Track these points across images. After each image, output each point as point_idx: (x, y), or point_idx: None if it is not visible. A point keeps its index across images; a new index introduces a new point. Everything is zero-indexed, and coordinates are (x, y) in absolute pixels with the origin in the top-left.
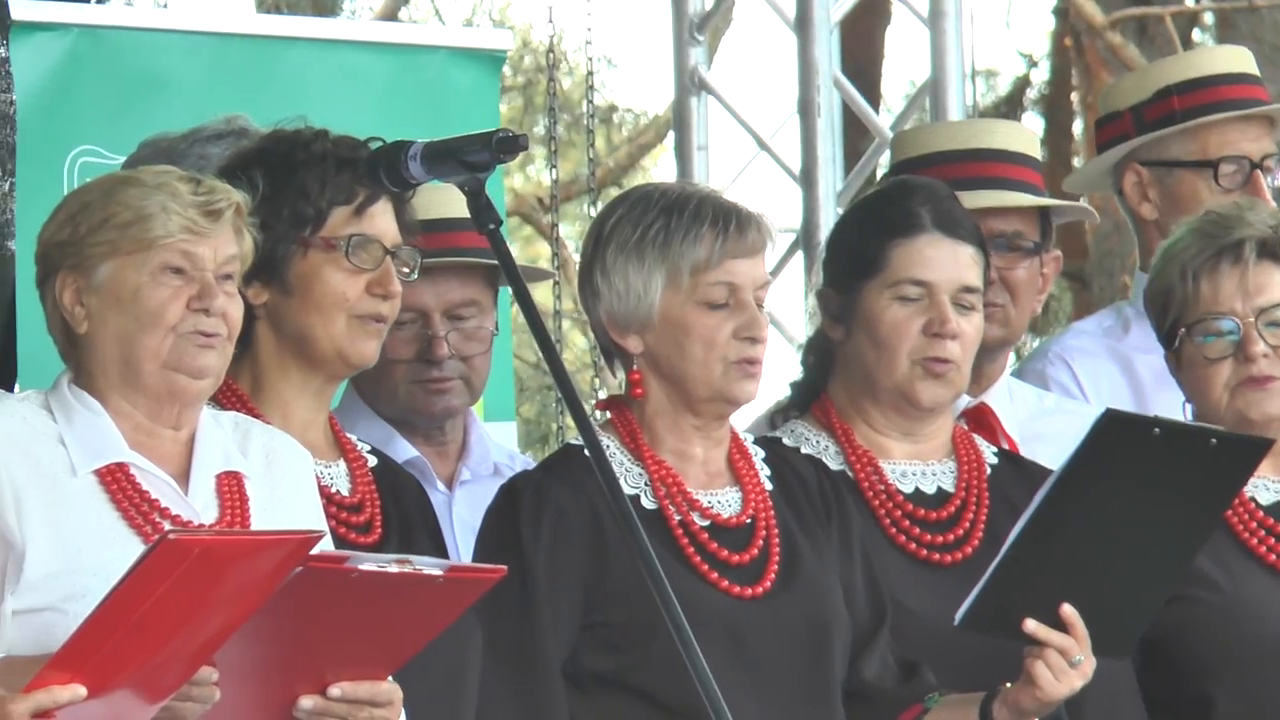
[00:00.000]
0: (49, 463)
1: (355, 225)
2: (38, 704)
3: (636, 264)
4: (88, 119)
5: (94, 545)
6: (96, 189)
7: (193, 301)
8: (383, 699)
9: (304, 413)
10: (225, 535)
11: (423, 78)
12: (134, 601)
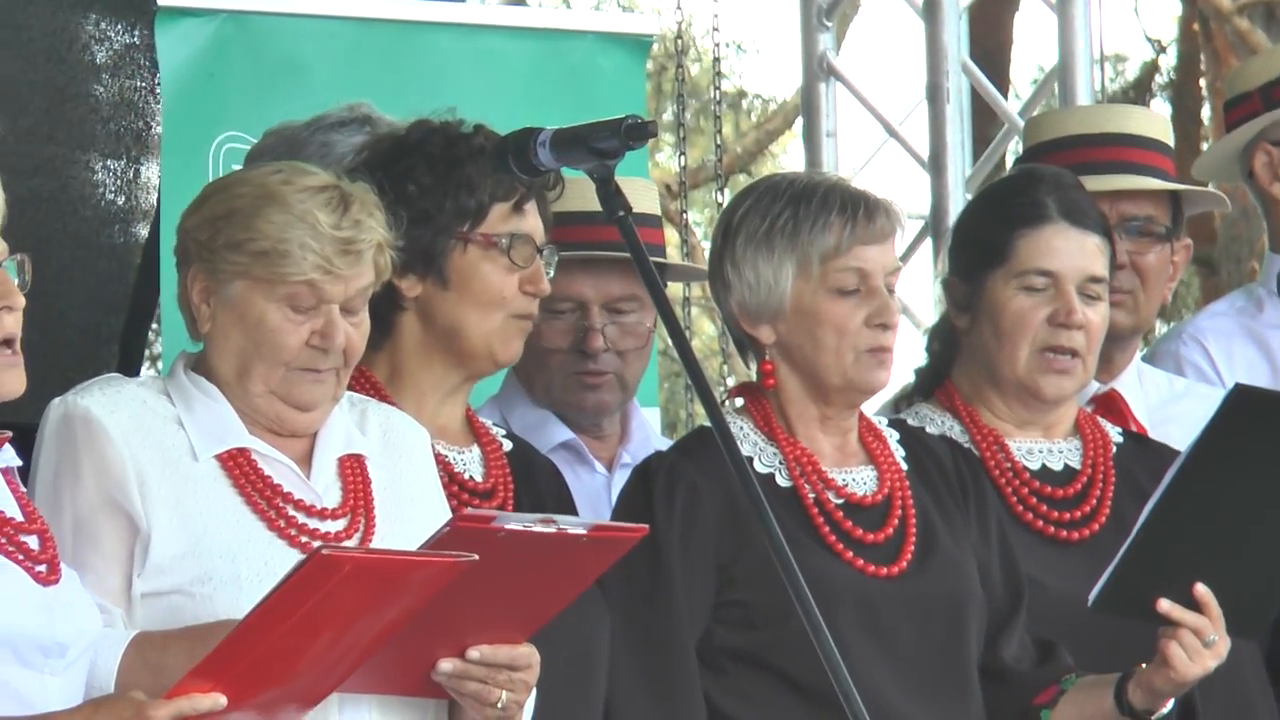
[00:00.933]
0: (171, 446)
1: (514, 222)
2: (178, 710)
3: (766, 254)
4: (233, 105)
5: (218, 529)
6: (244, 195)
7: (313, 338)
8: (521, 662)
9: (438, 403)
10: (378, 553)
11: (567, 63)
12: (282, 614)
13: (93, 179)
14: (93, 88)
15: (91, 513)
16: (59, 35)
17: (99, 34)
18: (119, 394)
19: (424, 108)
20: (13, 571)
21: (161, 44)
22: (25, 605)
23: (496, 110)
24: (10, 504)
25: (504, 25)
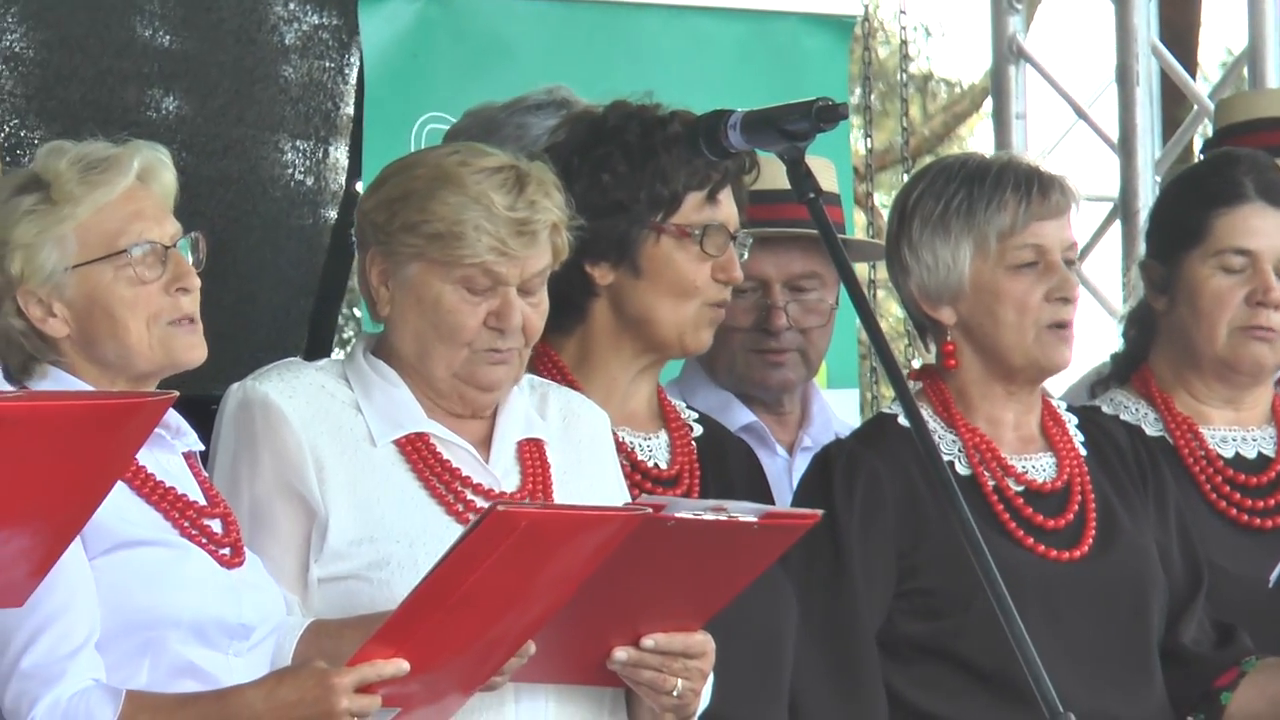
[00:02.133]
0: (349, 431)
1: (707, 211)
2: (362, 677)
3: (943, 236)
4: (436, 85)
5: (396, 514)
6: (420, 177)
7: (490, 319)
8: (696, 650)
9: (628, 387)
10: (554, 509)
11: (772, 44)
12: (460, 575)
13: (282, 160)
14: (282, 69)
15: (268, 499)
16: (248, 17)
17: (288, 15)
18: (297, 379)
19: (629, 90)
20: (197, 555)
21: (365, 25)
22: (210, 588)
23: (701, 92)
24: (193, 488)
25: (709, 6)
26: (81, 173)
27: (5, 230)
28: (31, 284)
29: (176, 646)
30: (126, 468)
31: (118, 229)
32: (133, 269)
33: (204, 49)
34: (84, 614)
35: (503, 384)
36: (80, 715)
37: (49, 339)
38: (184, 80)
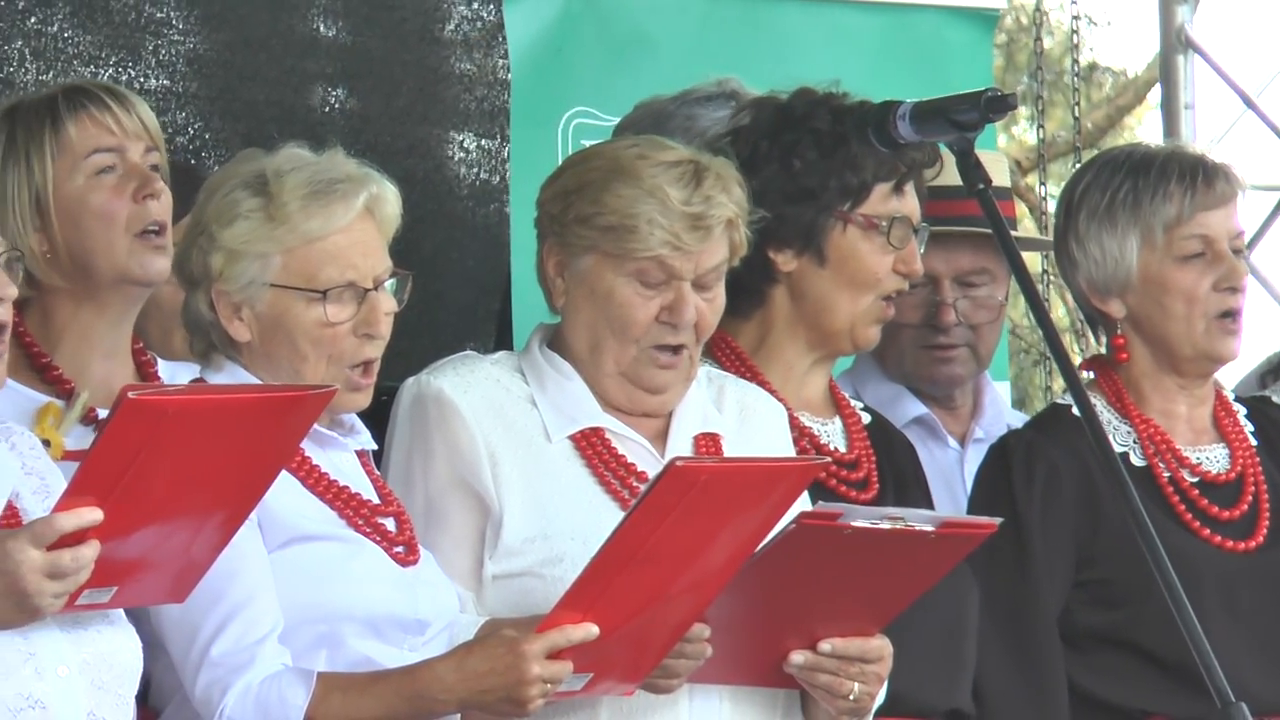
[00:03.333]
0: (523, 426)
1: (894, 203)
2: (551, 643)
3: (1109, 228)
4: (581, 80)
5: (570, 510)
6: (597, 169)
7: (663, 313)
8: (873, 655)
9: (804, 373)
10: (732, 462)
11: (915, 36)
12: (643, 532)
13: (467, 158)
14: (463, 66)
15: (442, 494)
16: (430, 14)
17: (471, 14)
18: (472, 373)
19: (772, 83)
20: (371, 550)
21: (510, 20)
22: (385, 583)
23: (845, 85)
24: (366, 486)
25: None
26: (306, 198)
27: (219, 223)
28: (226, 285)
29: (353, 641)
30: (287, 461)
31: (321, 264)
32: (325, 309)
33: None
34: (268, 604)
35: (670, 387)
36: (273, 699)
37: (232, 339)
38: (366, 79)
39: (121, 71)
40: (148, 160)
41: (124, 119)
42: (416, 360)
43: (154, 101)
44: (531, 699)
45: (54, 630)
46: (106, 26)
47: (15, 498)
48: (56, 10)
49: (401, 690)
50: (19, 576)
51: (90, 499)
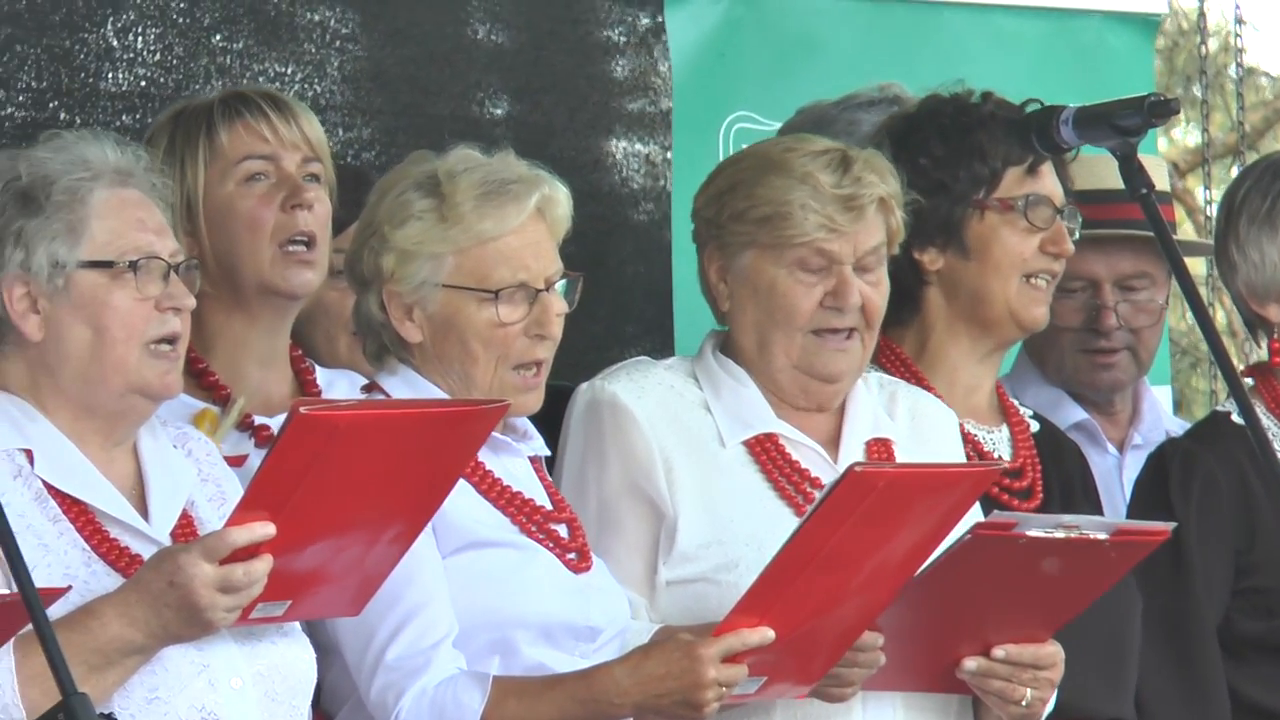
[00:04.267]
0: (698, 432)
1: (1029, 184)
2: (728, 647)
3: (1269, 233)
4: (743, 84)
5: (745, 515)
6: (747, 167)
7: (827, 299)
8: (1045, 662)
9: (970, 378)
10: (912, 467)
11: (1077, 41)
12: (821, 537)
13: (629, 164)
14: (626, 72)
15: (616, 499)
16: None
17: (633, 19)
18: (646, 379)
19: (934, 88)
20: (544, 557)
21: (672, 24)
22: (557, 590)
23: (1007, 89)
24: (539, 493)
25: (1014, 5)
26: (479, 199)
27: (390, 225)
28: (398, 286)
29: (525, 648)
30: (459, 474)
31: (493, 265)
32: (496, 309)
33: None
34: (443, 609)
35: (845, 374)
36: (448, 702)
37: (403, 340)
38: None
39: (307, 88)
40: (304, 170)
41: (280, 127)
42: (580, 368)
43: (339, 116)
44: (707, 702)
45: (228, 642)
46: (291, 43)
47: (191, 506)
48: (241, 28)
49: (577, 694)
50: (191, 590)
51: (263, 513)
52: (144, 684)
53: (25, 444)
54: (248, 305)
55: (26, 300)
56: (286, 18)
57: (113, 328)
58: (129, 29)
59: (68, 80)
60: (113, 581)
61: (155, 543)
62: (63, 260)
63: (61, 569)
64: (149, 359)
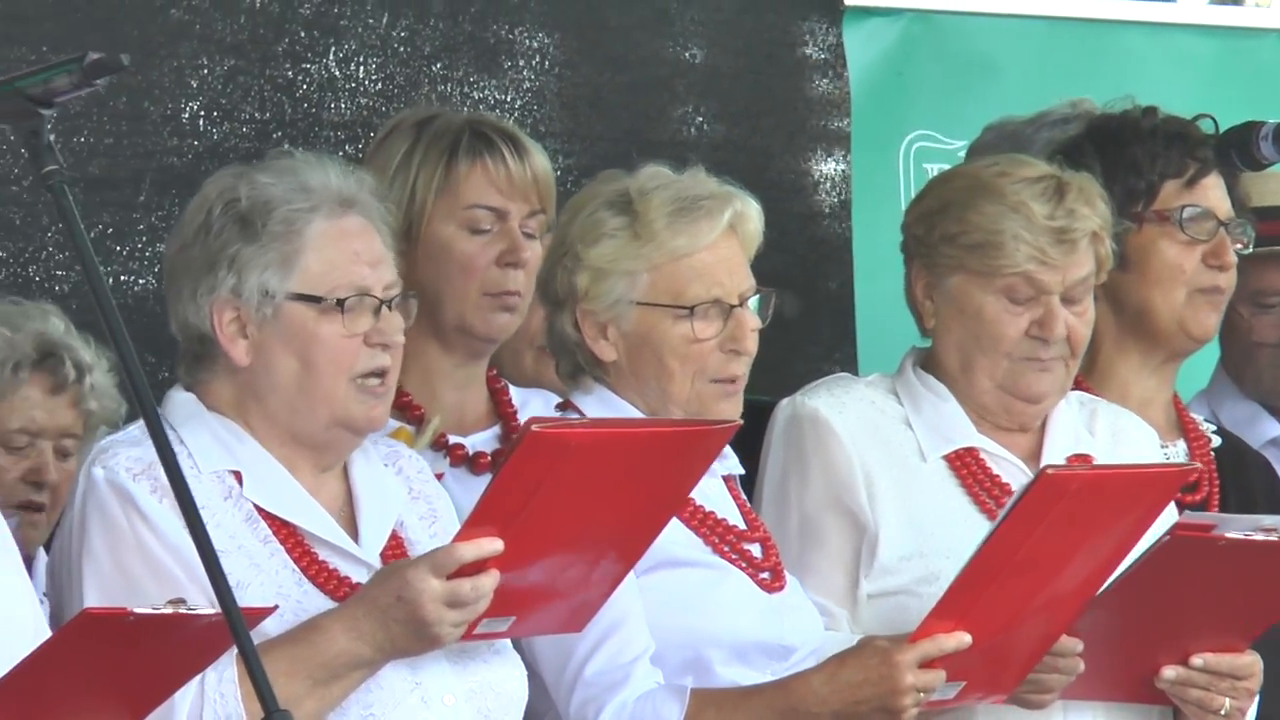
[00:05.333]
0: (898, 446)
1: (1187, 197)
2: (924, 652)
3: None
4: (921, 103)
5: (945, 529)
6: (959, 188)
7: (1033, 328)
8: (1244, 671)
9: (1142, 391)
10: (1102, 470)
11: (1253, 60)
12: (1015, 541)
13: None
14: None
15: (818, 514)
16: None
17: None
18: (847, 394)
19: None
20: (737, 577)
21: (850, 43)
22: (750, 610)
23: (1183, 108)
24: (733, 512)
25: (1190, 24)
26: (671, 216)
27: (583, 244)
28: (592, 305)
29: (719, 667)
30: (687, 493)
31: (687, 282)
32: (692, 325)
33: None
34: (640, 626)
35: (1048, 395)
36: (647, 716)
37: (598, 358)
38: (768, 116)
39: (526, 115)
40: (527, 226)
41: (516, 173)
42: (773, 386)
43: (558, 143)
44: (905, 708)
45: (440, 659)
46: (511, 70)
47: (400, 526)
48: (460, 55)
49: (775, 704)
50: (419, 605)
51: (491, 529)
52: (359, 701)
53: (235, 466)
54: (445, 337)
55: (236, 324)
56: (506, 45)
57: (320, 361)
58: (350, 59)
59: (290, 110)
60: (324, 604)
61: (364, 564)
62: (273, 290)
63: (274, 589)
64: (355, 393)
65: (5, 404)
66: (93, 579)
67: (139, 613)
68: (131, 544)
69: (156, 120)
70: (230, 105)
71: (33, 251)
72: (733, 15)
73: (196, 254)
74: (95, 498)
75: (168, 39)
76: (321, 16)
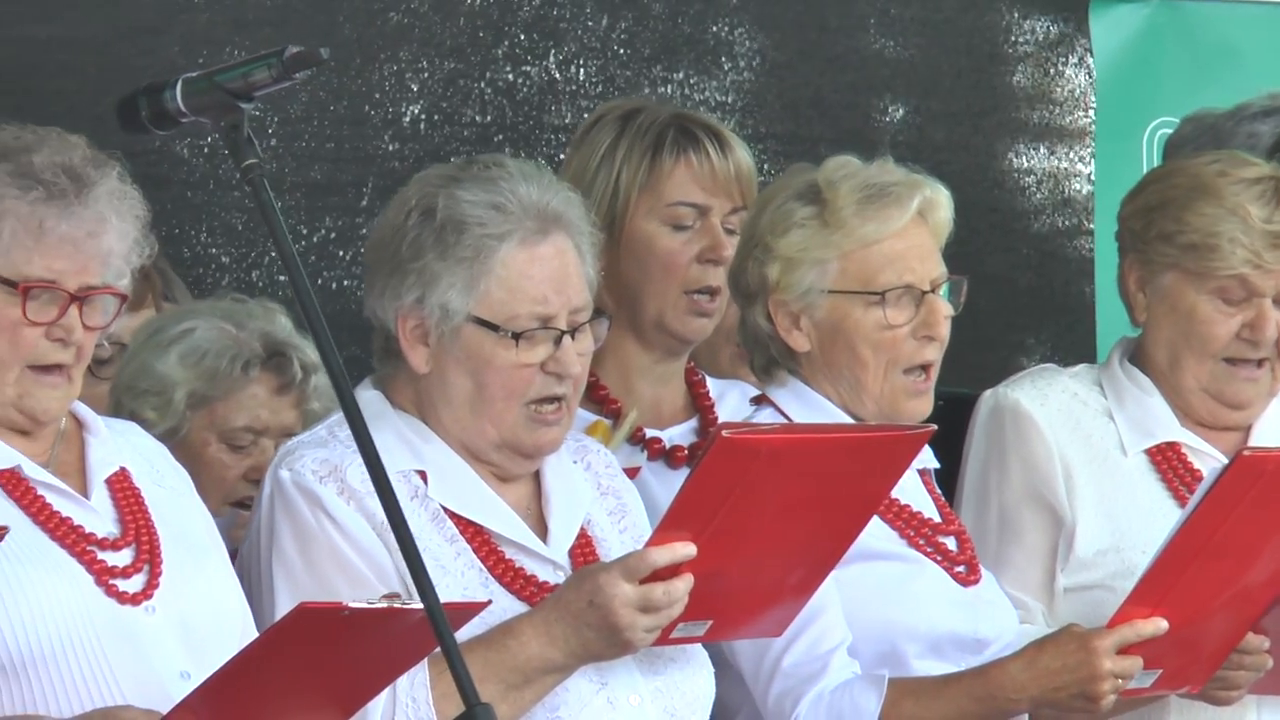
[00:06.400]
0: (1099, 439)
1: None
2: (1122, 638)
3: None
4: (1166, 90)
5: (1143, 523)
6: (1177, 186)
7: (1244, 330)
8: None
9: None
10: None
11: None
12: (1211, 523)
13: (1045, 172)
14: (1037, 80)
15: (1016, 506)
16: (998, 30)
17: (1044, 28)
18: (1050, 386)
19: None
20: (932, 570)
21: (1096, 31)
22: (947, 603)
23: None
24: (928, 505)
25: None
26: (860, 203)
27: (773, 235)
28: (784, 295)
29: (913, 660)
30: (883, 498)
31: (879, 268)
32: (884, 311)
33: (952, 62)
34: (837, 617)
35: (1253, 402)
36: (845, 706)
37: (791, 350)
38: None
39: (747, 117)
40: (729, 222)
41: (720, 169)
42: (974, 376)
43: (780, 145)
44: (1103, 694)
45: (626, 659)
46: (732, 72)
47: (588, 524)
48: (680, 57)
49: (974, 691)
50: (611, 610)
51: (684, 533)
52: (546, 703)
53: (420, 466)
54: (643, 335)
55: (419, 332)
56: (726, 46)
57: (492, 385)
58: (570, 61)
59: (511, 114)
60: (511, 603)
61: (553, 564)
62: (454, 310)
63: (459, 590)
64: (526, 420)
65: (231, 401)
66: (284, 580)
67: (354, 607)
68: (323, 545)
69: (378, 124)
70: (451, 109)
71: (255, 256)
72: (952, 14)
73: (389, 255)
74: (283, 499)
75: (387, 42)
76: (541, 19)
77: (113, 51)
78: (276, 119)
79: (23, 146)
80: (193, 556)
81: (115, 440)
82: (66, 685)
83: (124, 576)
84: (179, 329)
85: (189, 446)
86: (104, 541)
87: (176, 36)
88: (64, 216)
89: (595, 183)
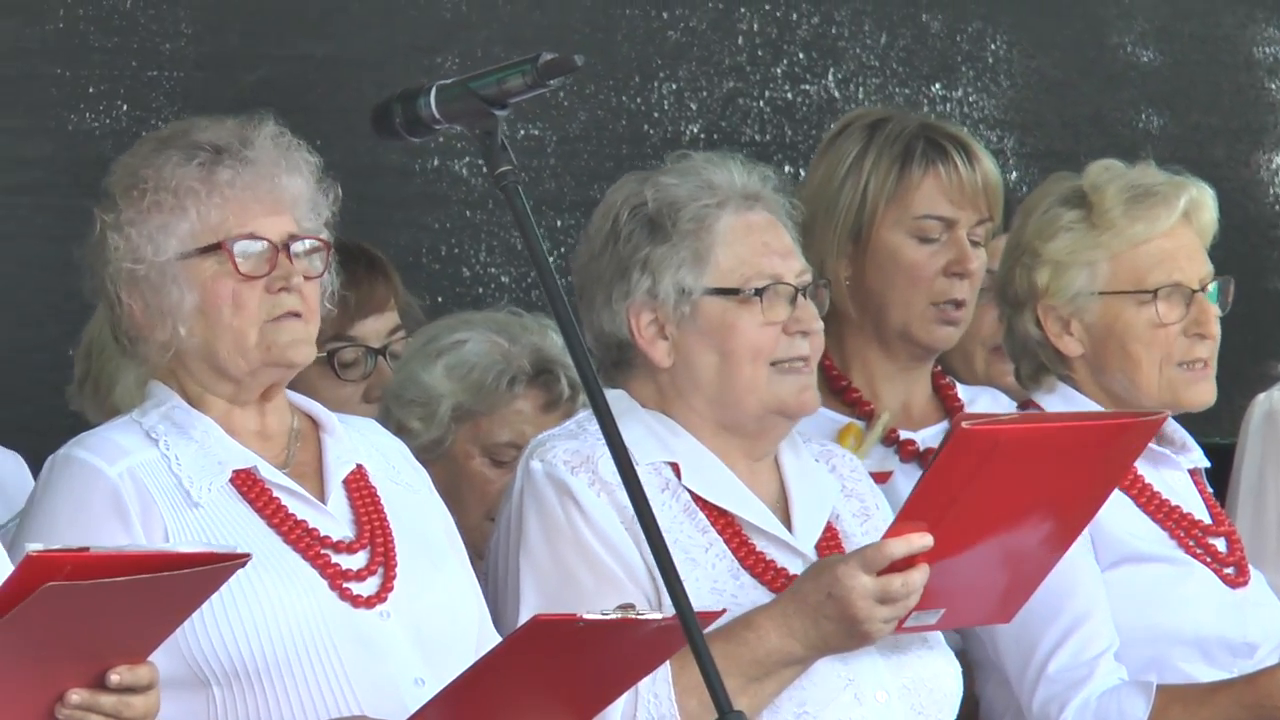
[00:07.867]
0: None
1: None
2: None
3: None
4: None
5: None
6: None
7: None
8: None
9: None
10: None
11: None
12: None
13: None
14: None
15: None
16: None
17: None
18: None
19: None
20: (1200, 572)
21: None
22: (1215, 606)
23: None
24: (1199, 506)
25: None
26: (1128, 203)
27: (1040, 240)
28: (1054, 300)
29: (1181, 664)
30: (1117, 484)
31: (1148, 268)
32: (1156, 308)
33: (1202, 71)
34: (1104, 621)
35: None
36: (1112, 712)
37: (1061, 354)
38: (1184, 102)
39: (1022, 144)
40: (974, 234)
41: (967, 181)
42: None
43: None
44: None
45: (873, 655)
46: (1010, 90)
47: (835, 519)
48: (958, 76)
49: (1243, 699)
50: (850, 602)
51: (921, 524)
52: (793, 698)
53: (671, 458)
54: (888, 344)
55: (655, 326)
56: (1004, 64)
57: (739, 350)
58: (849, 80)
59: (790, 132)
60: (760, 595)
61: (800, 555)
62: (689, 288)
63: (709, 583)
64: (779, 376)
65: (496, 416)
66: (529, 574)
67: (589, 618)
68: (569, 538)
69: (656, 143)
70: (730, 127)
71: (535, 276)
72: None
73: (607, 262)
74: (533, 490)
75: (666, 61)
76: (820, 37)
77: (390, 69)
78: (556, 138)
79: (180, 130)
80: (429, 558)
81: (352, 438)
82: (302, 693)
83: (358, 580)
84: (450, 340)
85: (452, 458)
86: (339, 545)
87: (453, 55)
88: (237, 170)
89: (842, 191)
